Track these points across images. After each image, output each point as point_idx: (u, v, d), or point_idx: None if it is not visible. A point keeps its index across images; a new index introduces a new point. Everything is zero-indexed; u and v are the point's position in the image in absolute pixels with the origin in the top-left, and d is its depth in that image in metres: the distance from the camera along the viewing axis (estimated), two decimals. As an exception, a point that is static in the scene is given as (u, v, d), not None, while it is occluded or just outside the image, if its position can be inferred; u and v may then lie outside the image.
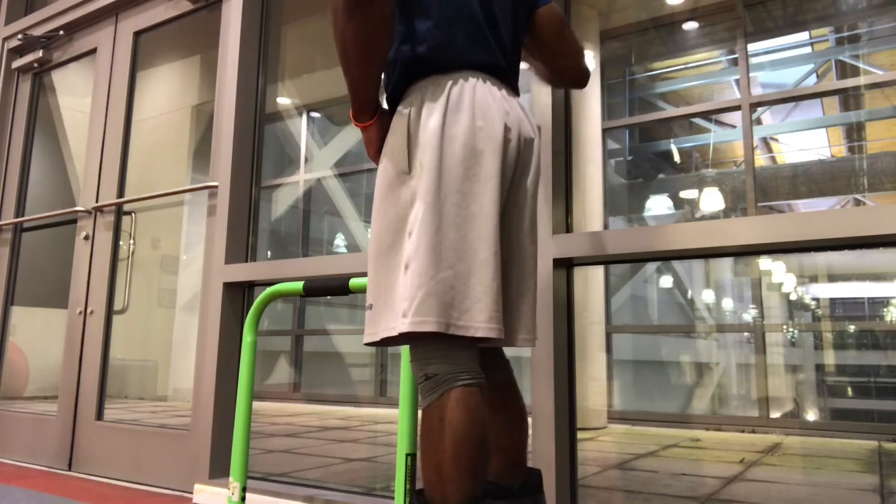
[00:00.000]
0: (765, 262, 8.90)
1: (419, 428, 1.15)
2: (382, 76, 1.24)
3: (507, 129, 1.19)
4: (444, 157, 1.14)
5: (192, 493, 2.38)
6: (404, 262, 1.13)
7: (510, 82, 1.28)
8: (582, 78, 1.47)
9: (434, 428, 1.09)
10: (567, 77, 1.47)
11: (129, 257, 3.09)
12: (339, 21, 1.12)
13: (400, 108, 1.22)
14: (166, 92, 5.29)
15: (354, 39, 1.12)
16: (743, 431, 4.47)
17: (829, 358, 8.65)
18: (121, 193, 3.04)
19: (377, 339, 1.16)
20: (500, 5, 1.27)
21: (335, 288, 1.73)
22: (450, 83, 1.18)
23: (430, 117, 1.16)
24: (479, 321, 1.12)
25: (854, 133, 8.58)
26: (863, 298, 11.95)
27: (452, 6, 1.21)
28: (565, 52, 1.42)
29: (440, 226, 1.12)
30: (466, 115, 1.16)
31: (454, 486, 1.07)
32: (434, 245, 1.11)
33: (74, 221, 3.15)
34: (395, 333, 1.13)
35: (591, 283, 4.81)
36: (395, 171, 1.18)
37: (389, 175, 1.19)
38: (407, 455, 1.51)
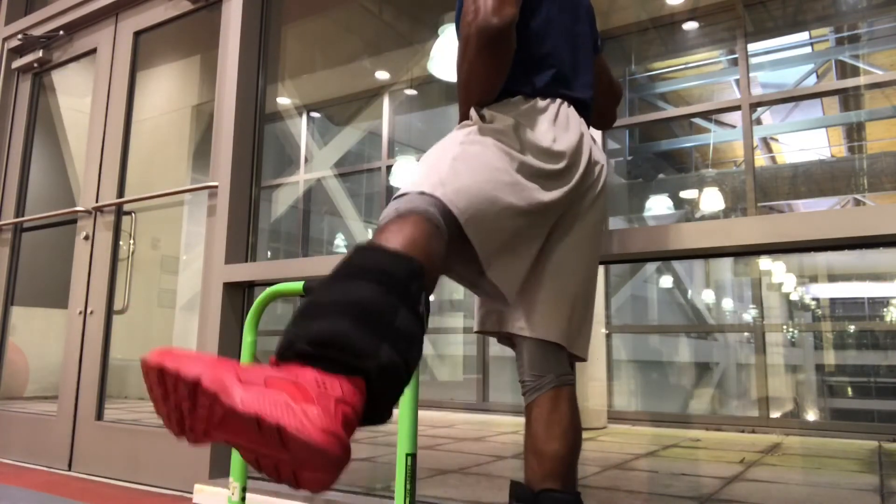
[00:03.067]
0: (765, 262, 8.89)
1: None
2: None
3: (579, 146, 1.31)
4: (516, 139, 1.25)
5: (191, 493, 2.38)
6: (455, 154, 1.21)
7: (588, 116, 1.42)
8: (607, 124, 1.66)
9: (390, 222, 1.02)
10: (595, 116, 1.61)
11: (129, 257, 3.09)
12: (470, 54, 1.23)
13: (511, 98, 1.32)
14: (166, 92, 5.29)
15: (483, 70, 1.24)
16: (743, 431, 4.47)
17: (829, 358, 8.65)
18: (121, 193, 3.04)
19: (400, 192, 1.17)
20: (578, 34, 1.44)
21: (335, 288, 1.73)
22: (541, 97, 1.32)
23: (515, 112, 1.28)
24: (488, 257, 1.19)
25: (854, 133, 8.58)
26: (863, 298, 11.95)
27: (549, 38, 1.36)
28: (603, 99, 1.59)
29: (497, 161, 1.22)
30: (547, 121, 1.29)
31: (399, 242, 0.95)
32: (485, 165, 1.20)
33: (74, 221, 3.15)
34: (421, 189, 1.12)
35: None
36: (473, 120, 1.29)
37: (463, 125, 1.30)
38: (407, 455, 1.51)
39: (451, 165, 1.17)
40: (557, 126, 1.30)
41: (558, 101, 1.33)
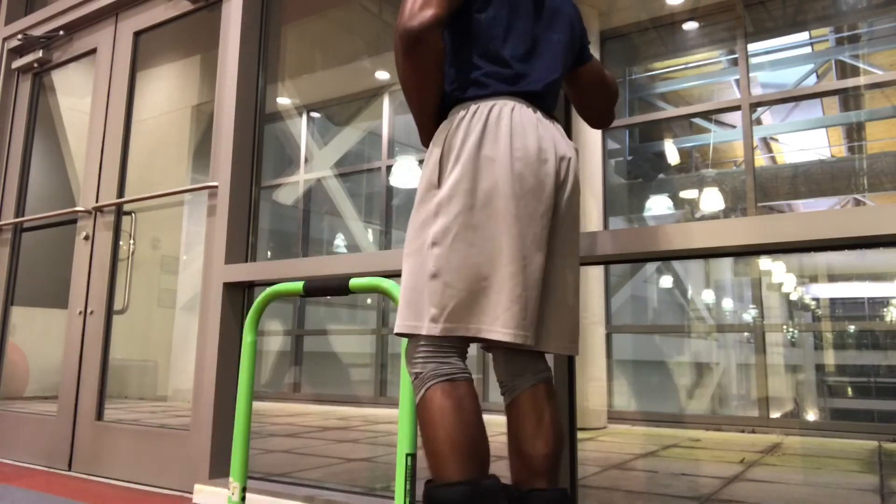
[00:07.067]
0: (765, 262, 8.90)
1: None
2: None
3: (541, 150, 1.28)
4: (478, 177, 1.24)
5: (191, 493, 2.38)
6: (432, 270, 1.22)
7: (546, 107, 1.37)
8: (603, 123, 1.63)
9: (423, 419, 1.20)
10: (591, 117, 1.61)
11: (129, 257, 3.09)
12: (399, 58, 1.24)
13: (442, 125, 1.32)
14: (166, 92, 5.29)
15: (412, 73, 1.25)
16: (743, 431, 4.47)
17: (829, 358, 8.65)
18: (121, 193, 3.04)
19: (400, 331, 1.25)
20: (547, 41, 1.38)
21: (335, 288, 1.73)
22: (489, 107, 1.28)
23: (469, 137, 1.26)
24: (507, 327, 1.20)
25: (854, 133, 8.57)
26: (863, 298, 11.94)
27: (500, 39, 1.33)
28: (598, 102, 1.60)
29: (473, 241, 1.22)
30: (504, 137, 1.25)
31: (451, 465, 1.16)
32: (465, 258, 1.21)
33: (74, 221, 3.15)
34: (422, 332, 1.22)
35: (591, 283, 4.81)
36: (427, 183, 1.28)
37: (423, 185, 1.30)
38: (407, 455, 1.51)
39: (438, 286, 1.21)
40: (514, 135, 1.26)
41: (511, 104, 1.29)
